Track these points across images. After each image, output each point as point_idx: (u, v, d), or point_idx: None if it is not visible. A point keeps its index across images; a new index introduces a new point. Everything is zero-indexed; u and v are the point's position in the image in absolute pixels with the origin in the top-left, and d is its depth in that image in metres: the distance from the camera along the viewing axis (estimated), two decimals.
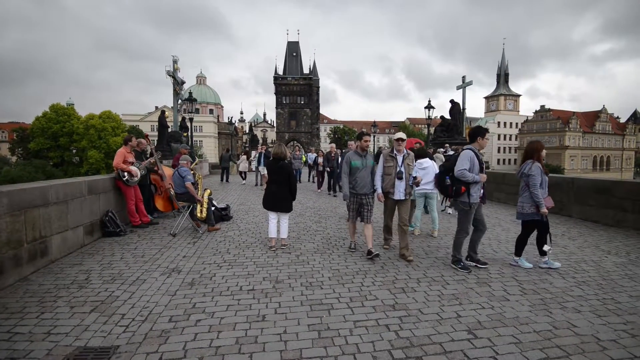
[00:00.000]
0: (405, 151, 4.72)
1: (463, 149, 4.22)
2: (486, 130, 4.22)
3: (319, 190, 12.44)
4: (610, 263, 4.63)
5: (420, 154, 6.22)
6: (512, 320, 3.03)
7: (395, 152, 4.70)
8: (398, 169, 4.64)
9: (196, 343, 2.65)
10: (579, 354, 2.54)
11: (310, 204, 9.73)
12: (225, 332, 2.80)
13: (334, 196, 11.19)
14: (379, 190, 4.72)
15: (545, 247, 4.37)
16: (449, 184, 4.25)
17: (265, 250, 5.10)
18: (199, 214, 6.33)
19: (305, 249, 5.22)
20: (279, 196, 5.12)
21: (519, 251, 4.54)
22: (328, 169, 12.10)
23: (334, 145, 12.19)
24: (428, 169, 6.03)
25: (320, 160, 13.06)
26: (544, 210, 4.21)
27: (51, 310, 3.14)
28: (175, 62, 15.85)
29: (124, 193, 6.39)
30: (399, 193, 4.68)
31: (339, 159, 11.34)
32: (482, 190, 4.33)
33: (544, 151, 4.40)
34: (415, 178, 4.78)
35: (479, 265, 4.41)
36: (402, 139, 4.66)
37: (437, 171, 6.03)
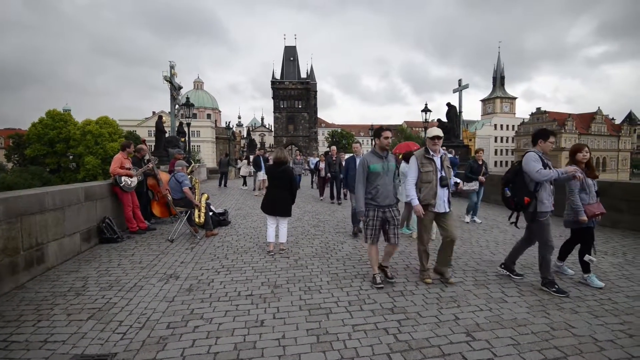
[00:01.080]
0: (441, 151, 3.93)
1: (527, 152, 3.77)
2: (551, 133, 3.74)
3: (322, 198, 11.42)
4: (607, 264, 4.65)
5: (409, 158, 6.32)
6: (510, 321, 3.04)
7: (431, 153, 3.85)
8: (440, 174, 3.81)
9: (194, 349, 2.64)
10: (576, 354, 2.55)
11: (308, 208, 9.73)
12: (224, 338, 2.79)
13: (339, 204, 10.36)
14: (416, 202, 3.79)
15: (586, 258, 3.89)
16: (510, 196, 3.80)
17: (264, 255, 5.10)
18: (197, 219, 6.33)
19: (304, 253, 5.22)
20: (280, 201, 5.12)
21: (562, 256, 4.28)
22: (328, 174, 11.18)
23: (334, 147, 11.18)
24: None
25: (322, 165, 11.91)
26: (583, 218, 3.79)
27: (48, 318, 3.12)
28: (172, 67, 15.87)
29: (121, 199, 6.37)
30: (444, 204, 3.82)
31: (342, 162, 10.33)
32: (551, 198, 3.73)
33: (583, 153, 3.91)
34: (457, 184, 4.09)
35: (512, 276, 4.07)
36: (438, 137, 3.82)
37: None
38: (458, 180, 4.06)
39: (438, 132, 3.86)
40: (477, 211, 7.75)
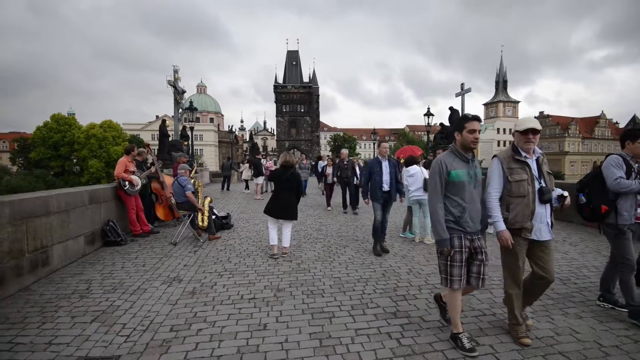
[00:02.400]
0: (537, 151, 2.79)
1: (610, 155, 3.20)
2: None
3: (329, 208, 10.05)
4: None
5: (409, 162, 6.41)
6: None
7: (523, 154, 2.71)
8: (539, 185, 2.68)
9: (197, 352, 2.64)
10: None
11: (311, 212, 9.73)
12: (227, 341, 2.79)
13: (354, 213, 9.19)
14: (501, 226, 2.67)
15: None
16: (584, 203, 3.26)
17: (266, 259, 5.10)
18: (200, 223, 6.35)
19: (307, 257, 5.22)
20: (288, 204, 5.16)
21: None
22: (335, 180, 10.21)
23: (345, 151, 9.97)
24: (416, 175, 6.16)
25: (329, 170, 10.75)
26: None
27: (52, 320, 3.14)
28: (176, 71, 15.99)
29: (124, 202, 6.41)
30: (545, 229, 2.70)
31: (354, 167, 9.63)
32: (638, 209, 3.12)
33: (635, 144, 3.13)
34: (563, 198, 2.79)
35: (617, 308, 3.32)
36: (534, 131, 2.66)
37: (426, 176, 6.14)
38: (564, 193, 2.80)
39: (534, 123, 2.67)
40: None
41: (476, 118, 2.65)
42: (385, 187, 5.31)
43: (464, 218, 2.59)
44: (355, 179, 9.47)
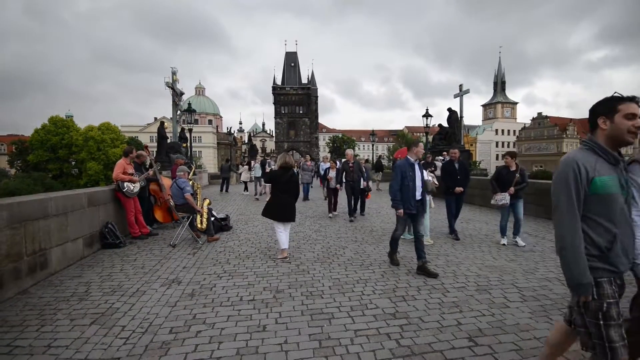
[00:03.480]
0: None
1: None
2: None
3: (331, 215, 9.00)
4: None
5: None
6: (513, 327, 3.03)
7: None
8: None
9: (197, 354, 2.64)
10: (579, 359, 2.54)
11: (309, 213, 9.74)
12: (226, 343, 2.80)
13: (362, 214, 8.91)
14: None
15: None
16: None
17: (265, 260, 5.11)
18: (199, 225, 6.36)
19: (306, 258, 5.22)
20: (290, 206, 5.18)
21: None
22: (338, 185, 8.91)
23: (351, 152, 9.08)
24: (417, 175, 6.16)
25: (332, 174, 9.41)
26: None
27: (51, 323, 3.13)
28: (174, 73, 16.02)
29: (123, 204, 6.41)
30: None
31: (362, 169, 8.80)
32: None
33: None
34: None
35: None
36: None
37: (425, 177, 6.14)
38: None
39: None
40: (519, 230, 5.90)
41: (634, 100, 1.75)
42: (418, 195, 4.55)
43: (614, 250, 1.72)
44: (362, 181, 8.72)
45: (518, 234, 5.91)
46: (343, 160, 9.56)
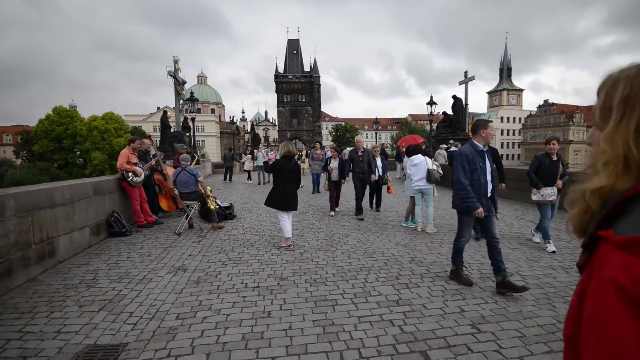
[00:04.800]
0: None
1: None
2: None
3: (333, 214, 7.75)
4: None
5: (413, 151, 6.35)
6: (516, 314, 3.05)
7: None
8: None
9: (203, 339, 2.69)
10: None
11: (313, 202, 9.76)
12: (232, 329, 2.84)
13: (377, 210, 7.97)
14: None
15: None
16: None
17: (270, 248, 5.14)
18: (212, 206, 6.55)
19: (309, 246, 5.26)
20: (294, 196, 5.21)
21: None
22: (344, 180, 7.77)
23: (360, 138, 8.07)
24: (420, 164, 6.13)
25: (334, 164, 7.89)
26: None
27: (60, 310, 3.19)
28: (176, 62, 15.89)
29: (128, 193, 6.45)
30: None
31: (373, 157, 7.63)
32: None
33: None
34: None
35: None
36: None
37: (430, 166, 6.11)
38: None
39: None
40: (548, 233, 4.94)
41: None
42: (489, 191, 3.62)
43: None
44: (377, 172, 7.56)
45: (549, 238, 4.95)
46: (349, 148, 8.84)
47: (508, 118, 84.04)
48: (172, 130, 16.60)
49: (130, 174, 6.37)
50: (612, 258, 0.44)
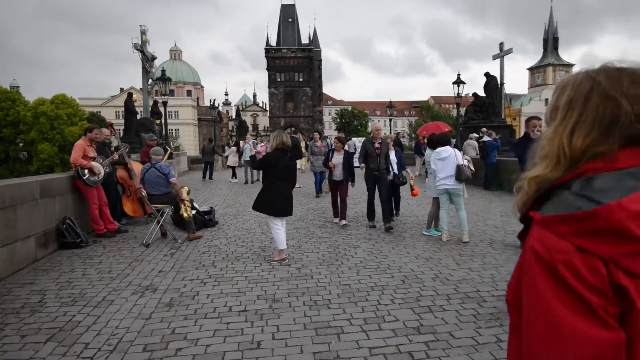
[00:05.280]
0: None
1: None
2: None
3: (338, 221, 7.50)
4: None
5: (439, 141, 6.25)
6: None
7: None
8: None
9: None
10: None
11: (312, 205, 9.74)
12: None
13: (389, 228, 6.81)
14: None
15: None
16: None
17: (259, 262, 5.13)
18: (185, 214, 6.43)
19: (308, 260, 5.24)
20: (289, 198, 5.20)
21: None
22: (350, 181, 7.49)
23: (379, 125, 7.49)
24: (448, 159, 6.04)
25: (337, 159, 7.67)
26: None
27: None
28: (143, 32, 15.90)
29: (84, 195, 6.45)
30: None
31: (390, 152, 7.29)
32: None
33: None
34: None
35: None
36: None
37: (460, 162, 6.05)
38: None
39: None
40: None
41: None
42: None
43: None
44: (391, 170, 7.20)
45: None
46: (358, 139, 8.40)
47: None
48: (139, 116, 16.60)
49: (86, 171, 6.36)
50: (534, 232, 0.70)
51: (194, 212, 6.97)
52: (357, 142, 19.77)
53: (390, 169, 7.22)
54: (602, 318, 0.61)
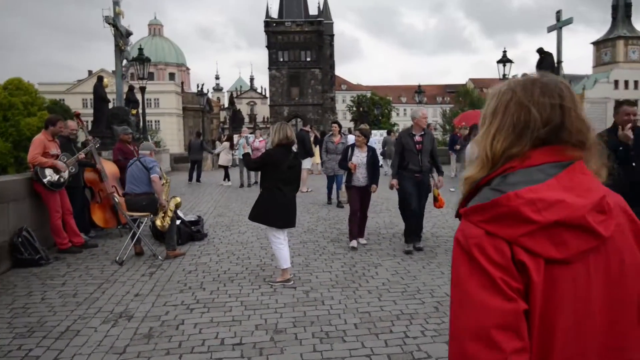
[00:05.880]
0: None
1: None
2: None
3: (355, 244, 6.82)
4: None
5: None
6: None
7: None
8: None
9: None
10: None
11: (323, 214, 9.74)
12: None
13: (419, 248, 6.58)
14: None
15: None
16: None
17: (258, 285, 5.13)
18: (158, 222, 6.37)
19: (318, 281, 5.24)
20: (293, 206, 5.23)
21: None
22: (373, 187, 6.96)
23: (424, 111, 7.10)
24: None
25: (359, 157, 7.07)
26: None
27: None
28: (116, 3, 16.06)
29: (45, 202, 6.52)
30: None
31: (434, 146, 6.88)
32: None
33: None
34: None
35: None
36: None
37: None
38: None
39: None
40: None
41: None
42: None
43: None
44: (435, 173, 6.87)
45: None
46: (383, 131, 7.70)
47: (626, 82, 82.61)
48: (111, 105, 16.78)
49: (47, 171, 6.43)
50: (460, 224, 1.00)
51: (178, 222, 6.99)
52: (378, 135, 19.68)
53: (436, 171, 6.83)
54: (504, 291, 0.87)
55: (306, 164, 12.91)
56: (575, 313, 0.90)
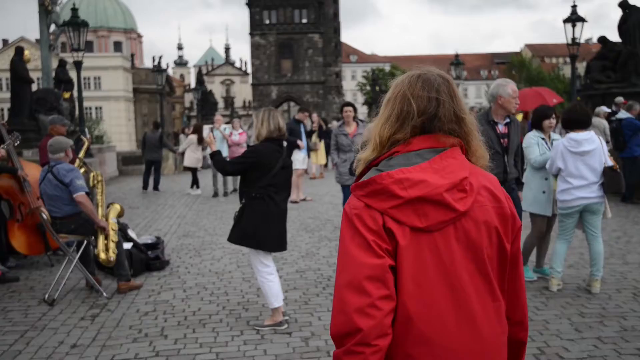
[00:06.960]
0: None
1: None
2: None
3: None
4: None
5: (578, 121, 6.00)
6: None
7: None
8: None
9: None
10: None
11: (326, 232, 9.76)
12: None
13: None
14: None
15: None
16: None
17: (239, 330, 5.15)
18: (101, 254, 6.37)
19: (321, 324, 5.25)
20: (285, 221, 5.31)
21: None
22: None
23: (513, 86, 6.08)
24: (593, 154, 5.80)
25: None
26: None
27: None
28: None
29: None
30: None
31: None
32: None
33: None
34: None
35: None
36: None
37: (607, 160, 5.84)
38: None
39: None
40: None
41: None
42: None
43: None
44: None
45: None
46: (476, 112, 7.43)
47: None
48: (35, 87, 16.80)
49: None
50: (349, 197, 1.56)
51: (128, 245, 6.99)
52: None
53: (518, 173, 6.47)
54: (374, 250, 1.37)
55: (298, 162, 13.02)
56: (438, 270, 1.42)
